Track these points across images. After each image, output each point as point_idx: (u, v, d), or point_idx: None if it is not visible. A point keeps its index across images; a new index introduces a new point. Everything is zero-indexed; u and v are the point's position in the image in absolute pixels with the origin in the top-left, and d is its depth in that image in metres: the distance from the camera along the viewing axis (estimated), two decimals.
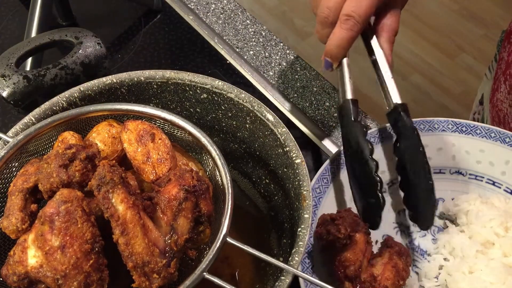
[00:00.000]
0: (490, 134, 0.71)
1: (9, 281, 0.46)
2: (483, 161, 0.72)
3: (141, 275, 0.44)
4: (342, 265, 0.60)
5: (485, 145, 0.71)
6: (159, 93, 0.64)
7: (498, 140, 0.71)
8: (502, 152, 0.71)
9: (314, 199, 0.66)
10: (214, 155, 0.54)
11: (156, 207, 0.47)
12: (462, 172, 0.73)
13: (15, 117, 0.85)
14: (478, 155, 0.72)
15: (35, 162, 0.52)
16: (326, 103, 0.88)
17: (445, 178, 0.74)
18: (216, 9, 1.02)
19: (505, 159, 0.71)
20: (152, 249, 0.44)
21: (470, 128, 0.72)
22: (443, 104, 2.09)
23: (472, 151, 0.72)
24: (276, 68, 0.92)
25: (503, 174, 0.71)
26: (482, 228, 0.67)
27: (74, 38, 0.75)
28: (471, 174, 0.73)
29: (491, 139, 0.71)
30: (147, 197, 0.48)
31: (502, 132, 0.71)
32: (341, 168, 0.69)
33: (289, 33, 2.36)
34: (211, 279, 0.47)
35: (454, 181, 0.74)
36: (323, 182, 0.68)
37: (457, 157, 0.73)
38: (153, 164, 0.53)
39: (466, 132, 0.72)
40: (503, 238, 0.66)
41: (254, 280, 0.64)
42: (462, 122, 0.72)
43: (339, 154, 0.69)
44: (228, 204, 0.51)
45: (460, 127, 0.72)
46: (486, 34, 2.35)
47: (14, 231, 0.47)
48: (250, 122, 0.62)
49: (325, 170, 0.68)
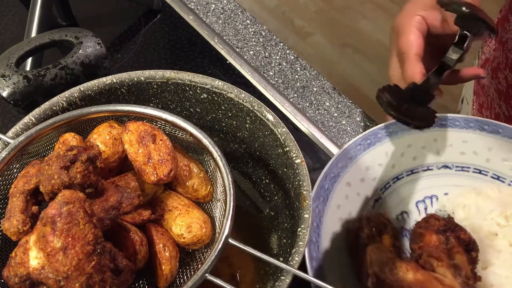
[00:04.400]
0: (469, 124, 0.72)
1: (10, 283, 0.46)
2: (467, 151, 0.73)
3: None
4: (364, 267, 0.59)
5: (467, 135, 0.72)
6: (159, 93, 0.64)
7: (477, 129, 0.72)
8: (483, 140, 0.72)
9: (322, 195, 0.67)
10: (216, 156, 0.54)
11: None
12: (449, 166, 0.74)
13: (15, 117, 0.85)
14: (461, 147, 0.72)
15: (36, 163, 0.52)
16: (326, 103, 0.88)
17: (434, 174, 0.74)
18: (216, 9, 1.02)
19: (487, 146, 0.72)
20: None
21: (449, 121, 0.73)
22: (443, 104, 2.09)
23: (455, 144, 0.73)
24: (276, 68, 0.92)
25: (488, 161, 0.72)
26: (483, 221, 0.67)
27: (74, 38, 0.75)
28: (457, 166, 0.74)
29: (470, 129, 0.72)
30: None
31: (480, 120, 0.72)
32: (349, 164, 0.70)
33: (289, 33, 2.36)
34: (213, 280, 0.47)
35: (443, 175, 0.74)
36: (330, 177, 0.68)
37: (442, 151, 0.73)
38: (154, 165, 0.53)
39: (446, 125, 0.73)
40: (506, 227, 0.66)
41: (255, 280, 0.65)
42: (441, 116, 0.73)
43: (343, 151, 0.70)
44: (229, 205, 0.51)
45: (439, 121, 0.72)
46: None
47: (15, 233, 0.47)
48: (250, 122, 0.62)
49: (333, 165, 0.68)
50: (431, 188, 0.73)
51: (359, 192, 0.70)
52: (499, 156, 0.72)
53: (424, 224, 0.63)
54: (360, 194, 0.70)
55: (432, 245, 0.59)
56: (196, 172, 0.58)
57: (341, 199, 0.68)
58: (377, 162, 0.71)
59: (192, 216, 0.54)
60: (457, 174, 0.74)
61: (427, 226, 0.62)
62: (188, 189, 0.57)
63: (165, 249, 0.52)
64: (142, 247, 0.51)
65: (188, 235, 0.53)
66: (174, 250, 0.53)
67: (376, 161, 0.71)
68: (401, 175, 0.73)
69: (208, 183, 0.58)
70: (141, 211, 0.54)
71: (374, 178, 0.71)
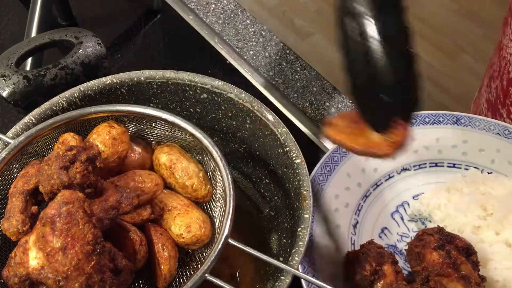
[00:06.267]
0: (439, 119, 0.73)
1: (10, 283, 0.46)
2: (419, 148, 0.73)
3: None
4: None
5: (414, 132, 0.72)
6: (159, 93, 0.64)
7: (420, 123, 0.73)
8: (431, 132, 0.73)
9: (317, 185, 0.67)
10: (216, 156, 0.54)
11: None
12: (407, 167, 0.74)
13: (15, 117, 0.85)
14: (413, 145, 0.73)
15: (35, 163, 0.52)
16: (326, 103, 0.88)
17: (397, 180, 0.74)
18: (216, 9, 1.01)
19: (435, 137, 0.73)
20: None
21: (419, 118, 0.74)
22: (443, 104, 2.09)
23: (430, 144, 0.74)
24: (276, 68, 0.92)
25: (440, 152, 0.74)
26: (465, 218, 0.67)
27: (74, 38, 0.75)
28: (414, 165, 0.74)
29: (441, 124, 0.73)
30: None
31: (449, 114, 0.73)
32: (343, 157, 0.71)
33: (289, 33, 2.36)
34: (212, 281, 0.47)
35: (405, 179, 0.74)
36: (326, 170, 0.69)
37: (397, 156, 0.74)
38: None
39: (416, 123, 0.74)
40: (488, 218, 0.66)
41: (254, 280, 0.64)
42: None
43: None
44: (229, 205, 0.51)
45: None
46: (486, 34, 2.35)
47: (15, 233, 0.47)
48: (250, 122, 0.62)
49: (328, 158, 0.69)
50: (399, 196, 0.73)
51: (338, 224, 0.69)
52: (448, 144, 0.73)
53: (418, 242, 0.62)
54: (339, 225, 0.69)
55: (436, 263, 0.59)
56: (196, 172, 0.58)
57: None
58: (343, 186, 0.70)
59: (192, 216, 0.54)
60: (416, 173, 0.74)
61: (423, 244, 0.61)
62: (187, 189, 0.57)
63: (164, 249, 0.52)
64: (142, 247, 0.51)
65: (187, 235, 0.53)
66: (173, 250, 0.53)
67: (341, 185, 0.70)
68: (368, 192, 0.72)
69: (207, 183, 0.58)
70: (141, 211, 0.54)
71: (347, 204, 0.70)
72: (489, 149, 0.73)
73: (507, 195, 0.68)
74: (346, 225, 0.69)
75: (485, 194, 0.69)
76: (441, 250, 0.59)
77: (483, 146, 0.73)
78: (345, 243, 0.68)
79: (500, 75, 0.82)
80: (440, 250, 0.59)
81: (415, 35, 0.55)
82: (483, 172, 0.73)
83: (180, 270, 0.55)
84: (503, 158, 0.72)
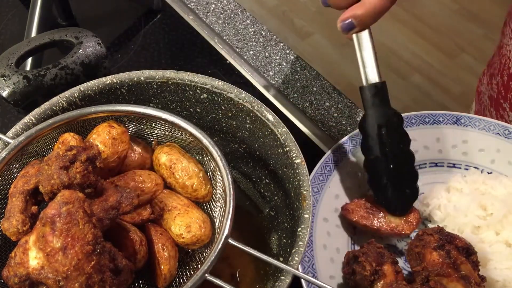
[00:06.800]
0: (411, 121, 0.73)
1: (10, 283, 0.46)
2: (419, 148, 0.73)
3: None
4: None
5: (414, 133, 0.72)
6: (159, 93, 0.64)
7: (420, 123, 0.73)
8: (431, 132, 0.73)
9: (317, 185, 0.68)
10: (216, 156, 0.54)
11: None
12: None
13: (15, 117, 0.85)
14: (412, 145, 0.72)
15: (35, 163, 0.52)
16: (326, 103, 0.88)
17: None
18: (216, 9, 1.01)
19: (435, 137, 0.73)
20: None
21: (419, 119, 0.73)
22: (443, 104, 2.09)
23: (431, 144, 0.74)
24: (276, 68, 0.92)
25: (440, 152, 0.74)
26: (465, 218, 0.67)
27: (74, 38, 0.75)
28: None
29: (414, 126, 0.73)
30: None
31: (449, 114, 0.73)
32: (342, 157, 0.71)
33: (289, 33, 2.36)
34: (212, 281, 0.47)
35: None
36: (326, 170, 0.69)
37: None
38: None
39: (416, 123, 0.73)
40: (488, 218, 0.66)
41: (254, 280, 0.64)
42: (410, 115, 0.73)
43: (340, 145, 0.70)
44: (229, 205, 0.51)
45: (408, 120, 0.73)
46: (486, 34, 2.35)
47: (15, 233, 0.47)
48: (250, 122, 0.62)
49: (328, 158, 0.69)
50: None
51: (338, 224, 0.69)
52: (449, 144, 0.73)
53: (418, 242, 0.62)
54: (339, 225, 0.69)
55: (436, 263, 0.59)
56: (196, 172, 0.58)
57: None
58: (343, 186, 0.71)
59: (192, 216, 0.54)
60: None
61: (423, 244, 0.61)
62: (187, 189, 0.57)
63: (164, 249, 0.52)
64: (142, 247, 0.51)
65: (187, 235, 0.53)
66: (173, 250, 0.53)
67: (341, 185, 0.70)
68: (368, 192, 0.71)
69: (207, 182, 0.58)
70: (141, 211, 0.54)
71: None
72: (489, 149, 0.73)
73: (507, 195, 0.68)
74: (346, 225, 0.69)
75: (485, 194, 0.69)
76: (441, 250, 0.59)
77: (483, 146, 0.73)
78: (345, 243, 0.68)
79: (500, 71, 0.83)
80: (440, 250, 0.59)
81: (415, 35, 0.56)
82: (483, 172, 0.73)
83: (180, 270, 0.55)
84: (503, 158, 0.72)
